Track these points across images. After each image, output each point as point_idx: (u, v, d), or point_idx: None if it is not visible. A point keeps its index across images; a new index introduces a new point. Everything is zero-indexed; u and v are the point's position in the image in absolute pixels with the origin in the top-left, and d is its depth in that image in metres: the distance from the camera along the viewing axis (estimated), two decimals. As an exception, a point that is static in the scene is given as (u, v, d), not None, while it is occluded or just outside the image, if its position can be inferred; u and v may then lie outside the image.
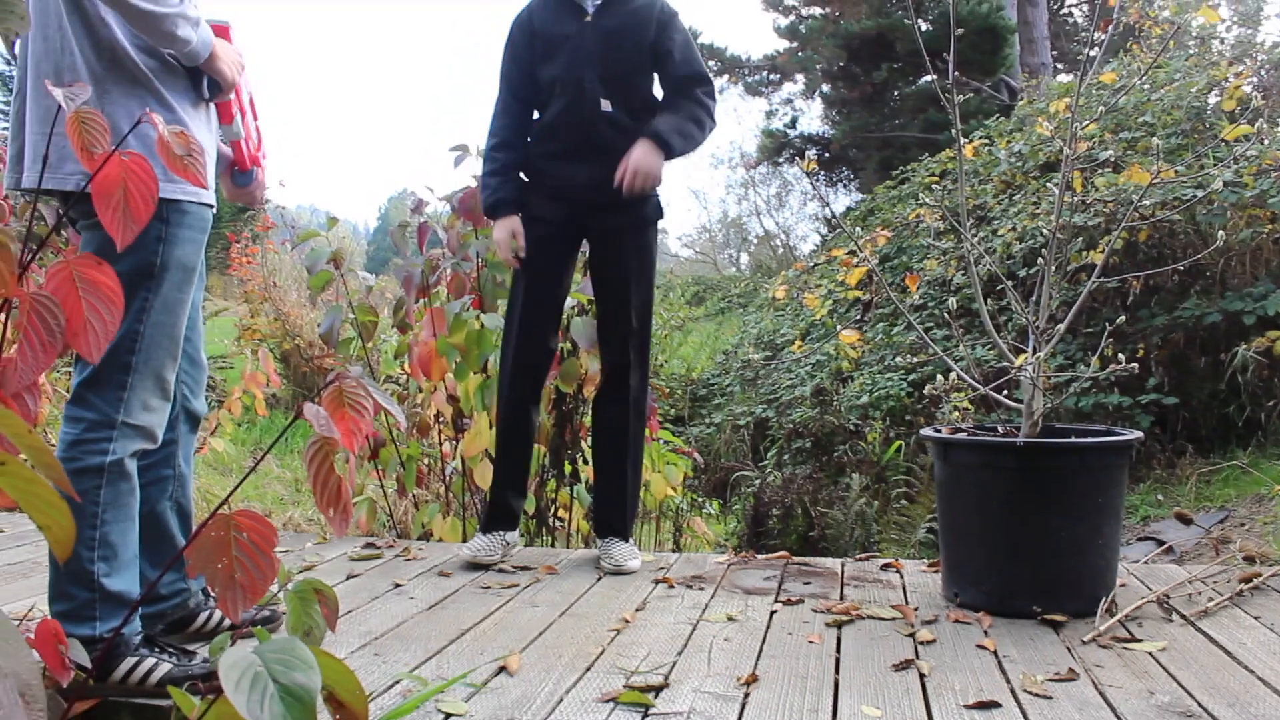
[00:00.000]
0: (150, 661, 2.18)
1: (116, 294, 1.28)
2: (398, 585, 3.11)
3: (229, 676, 0.94)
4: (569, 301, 3.81)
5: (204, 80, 2.33)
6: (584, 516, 4.29)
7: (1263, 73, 7.75)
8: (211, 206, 2.32)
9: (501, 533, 3.48)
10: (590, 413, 3.68)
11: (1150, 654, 2.36)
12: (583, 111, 3.36)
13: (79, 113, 1.28)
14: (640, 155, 3.30)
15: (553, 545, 4.29)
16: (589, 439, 3.80)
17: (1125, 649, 2.40)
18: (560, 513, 4.37)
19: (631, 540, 3.51)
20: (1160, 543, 4.57)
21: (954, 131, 2.99)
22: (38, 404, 1.31)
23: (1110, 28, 3.40)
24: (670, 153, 3.34)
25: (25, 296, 1.21)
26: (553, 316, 3.48)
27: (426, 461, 4.53)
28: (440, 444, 4.52)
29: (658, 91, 3.50)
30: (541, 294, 3.44)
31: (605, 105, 3.36)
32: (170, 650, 2.24)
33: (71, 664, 1.22)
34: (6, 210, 5.13)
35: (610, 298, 3.47)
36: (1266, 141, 6.06)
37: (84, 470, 2.12)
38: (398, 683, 2.21)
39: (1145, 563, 3.54)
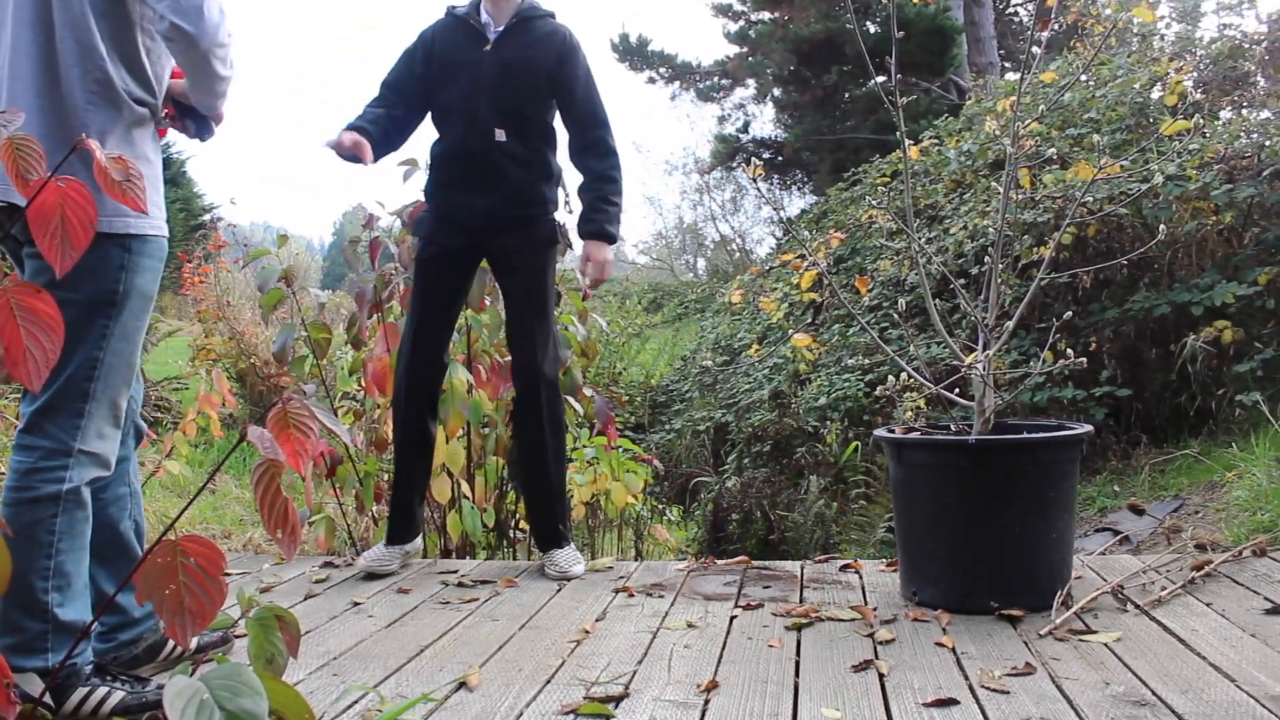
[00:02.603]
0: (103, 690, 2.15)
1: (56, 322, 1.27)
2: (356, 604, 3.09)
3: (174, 705, 0.93)
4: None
5: (192, 123, 2.44)
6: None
7: (1202, 67, 7.87)
8: (167, 236, 2.33)
9: (402, 545, 3.56)
10: (511, 427, 3.71)
11: (1105, 645, 2.39)
12: (478, 141, 3.41)
13: (12, 139, 1.27)
14: (595, 256, 3.44)
15: (514, 558, 4.28)
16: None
17: (1081, 641, 2.43)
18: (521, 524, 4.37)
19: (570, 545, 3.57)
20: (1116, 533, 4.62)
21: (899, 134, 3.02)
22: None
23: (1050, 27, 3.45)
24: (614, 238, 3.47)
25: (-39, 327, 1.20)
26: (444, 333, 3.56)
27: (385, 478, 4.50)
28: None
29: (556, 120, 3.58)
30: (433, 311, 3.51)
31: (500, 135, 3.40)
32: (123, 678, 2.22)
33: (18, 698, 1.20)
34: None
35: (514, 315, 3.54)
36: (1208, 135, 6.16)
37: (40, 499, 2.10)
38: (355, 703, 2.20)
39: (1101, 554, 3.59)
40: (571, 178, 3.61)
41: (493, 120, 3.40)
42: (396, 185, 3.60)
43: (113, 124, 2.19)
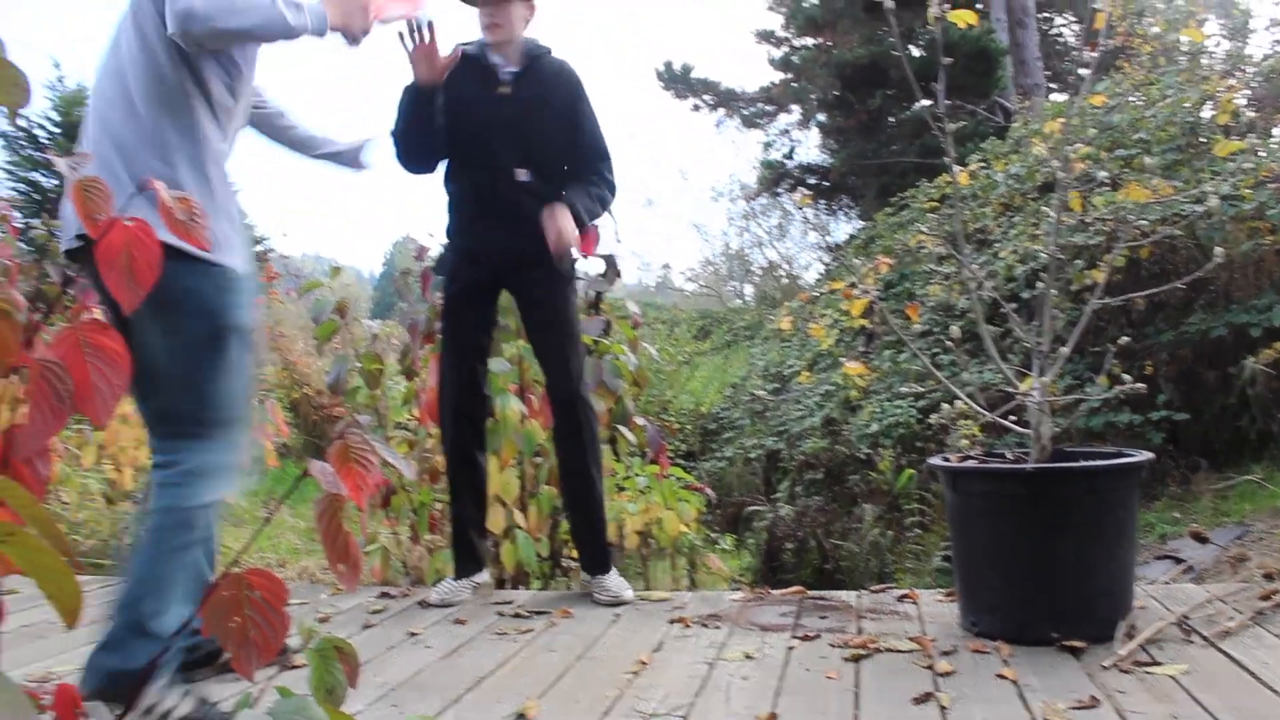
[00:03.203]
0: (173, 700, 2.19)
1: (123, 359, 1.29)
2: (413, 634, 3.10)
3: (245, 740, 0.93)
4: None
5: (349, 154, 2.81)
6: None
7: (1254, 85, 7.77)
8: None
9: (470, 577, 3.59)
10: (556, 455, 3.72)
11: (1172, 677, 2.34)
12: (499, 182, 3.42)
13: (82, 182, 1.30)
14: (563, 220, 3.35)
15: (568, 588, 4.27)
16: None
17: (1147, 673, 2.38)
18: (574, 554, 4.36)
19: (615, 570, 3.59)
20: (1178, 561, 4.54)
21: (947, 159, 3.00)
22: (48, 469, 1.31)
23: (1099, 48, 3.42)
24: (581, 227, 3.43)
25: (33, 363, 1.22)
26: (478, 365, 3.57)
27: (438, 507, 4.53)
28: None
29: None
30: (463, 345, 3.53)
31: (522, 175, 3.42)
32: (196, 696, 2.27)
33: (87, 728, 1.21)
34: (14, 270, 5.17)
35: (543, 342, 3.55)
36: (1263, 154, 6.07)
37: (176, 512, 2.24)
38: (416, 734, 2.20)
39: (1164, 583, 3.52)
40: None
41: (513, 161, 3.41)
42: (446, 216, 3.59)
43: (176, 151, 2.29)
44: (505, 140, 3.40)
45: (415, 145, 3.42)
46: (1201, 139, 6.92)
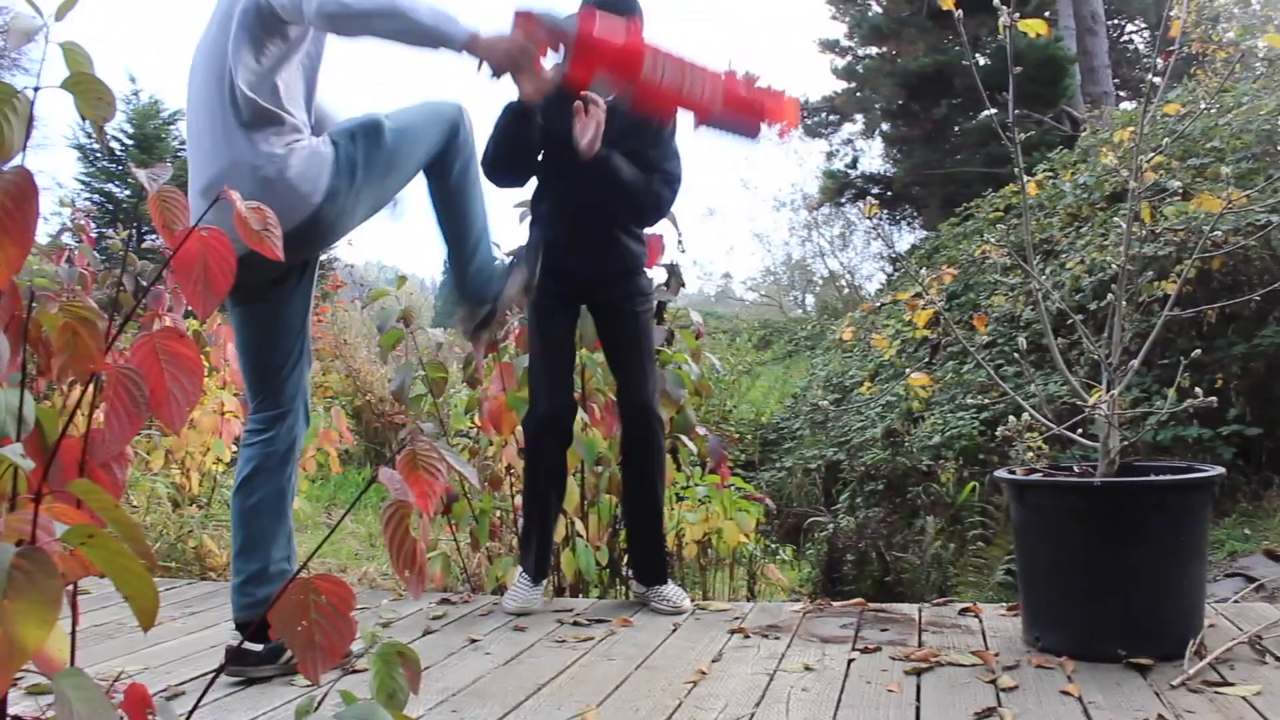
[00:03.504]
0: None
1: (197, 365, 1.33)
2: (473, 640, 3.13)
3: (314, 742, 0.95)
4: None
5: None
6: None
7: (1334, 93, 7.60)
8: None
9: (544, 581, 3.64)
10: (620, 464, 3.76)
11: (1244, 698, 2.29)
12: (589, 211, 3.48)
13: (160, 192, 1.33)
14: (596, 133, 3.34)
15: (627, 597, 4.28)
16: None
17: (1217, 693, 2.34)
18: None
19: (671, 581, 3.63)
20: (1250, 579, 4.45)
21: (1016, 170, 2.98)
22: (124, 473, 1.35)
23: (1173, 56, 3.37)
24: (616, 175, 3.40)
25: (112, 370, 1.26)
26: (570, 370, 3.66)
27: (499, 515, 4.56)
28: (512, 497, 4.54)
29: None
30: (557, 350, 3.59)
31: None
32: None
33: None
34: (90, 280, 5.30)
35: (621, 357, 3.62)
36: (1341, 163, 5.94)
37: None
38: (477, 740, 2.22)
39: (1234, 601, 3.45)
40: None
41: (609, 213, 3.51)
42: (510, 225, 3.63)
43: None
44: (599, 172, 3.41)
45: (508, 164, 3.48)
46: (1278, 147, 6.78)
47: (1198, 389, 2.82)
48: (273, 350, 2.79)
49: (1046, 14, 16.15)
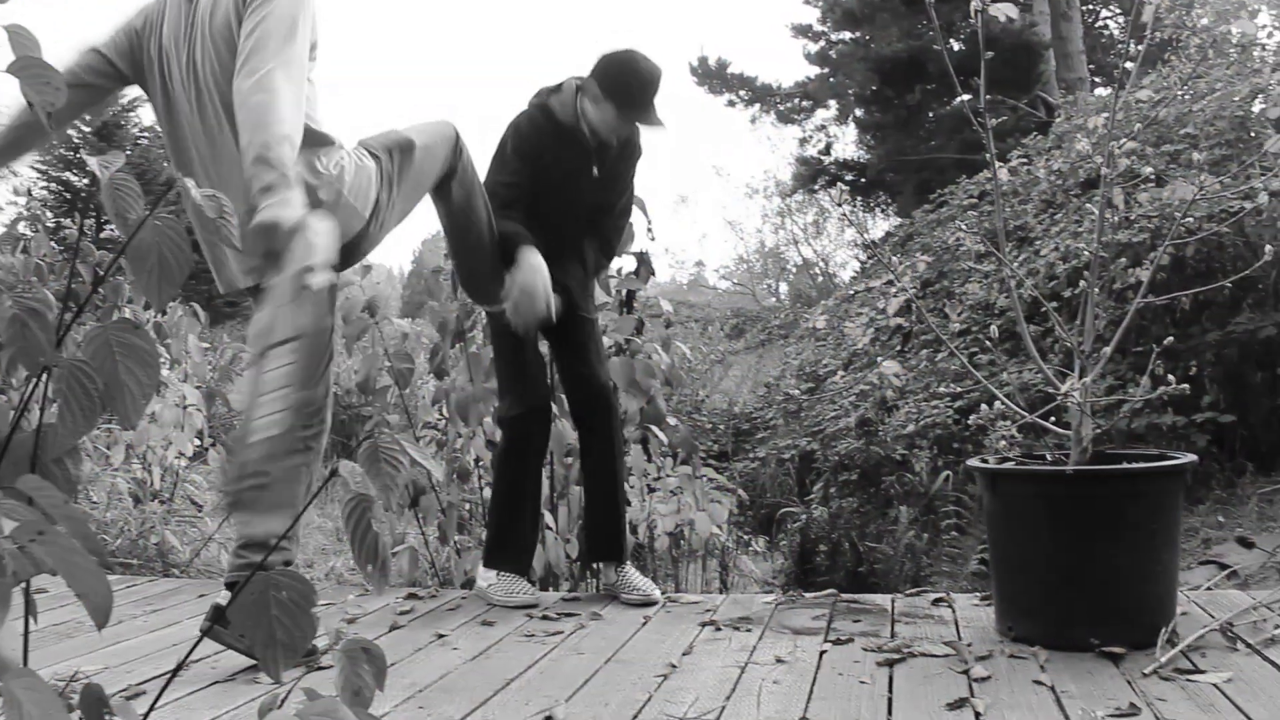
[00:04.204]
0: None
1: (153, 357, 1.31)
2: (441, 636, 3.12)
3: (272, 741, 0.95)
4: (607, 341, 3.92)
5: None
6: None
7: (1307, 78, 7.67)
8: None
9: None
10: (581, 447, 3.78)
11: (1215, 685, 2.32)
12: (567, 247, 3.58)
13: (113, 180, 1.32)
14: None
15: (598, 590, 4.29)
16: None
17: (1189, 681, 2.36)
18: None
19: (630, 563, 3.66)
20: (1222, 567, 4.50)
21: (988, 156, 2.99)
22: (79, 468, 1.34)
23: (1145, 41, 3.39)
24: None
25: (64, 362, 1.24)
26: (544, 362, 3.75)
27: (467, 508, 4.55)
28: (481, 490, 4.54)
29: None
30: (535, 343, 3.62)
31: (588, 242, 3.69)
32: None
33: None
34: (46, 270, 5.25)
35: (576, 338, 3.65)
36: (1315, 149, 6.00)
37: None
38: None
39: (1207, 589, 3.49)
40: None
41: (583, 229, 3.65)
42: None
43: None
44: (585, 213, 3.62)
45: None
46: (1251, 134, 6.85)
47: (1171, 376, 2.85)
48: None
49: (1020, -2, 16.23)
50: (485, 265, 3.26)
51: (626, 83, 3.37)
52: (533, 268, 3.23)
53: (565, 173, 3.50)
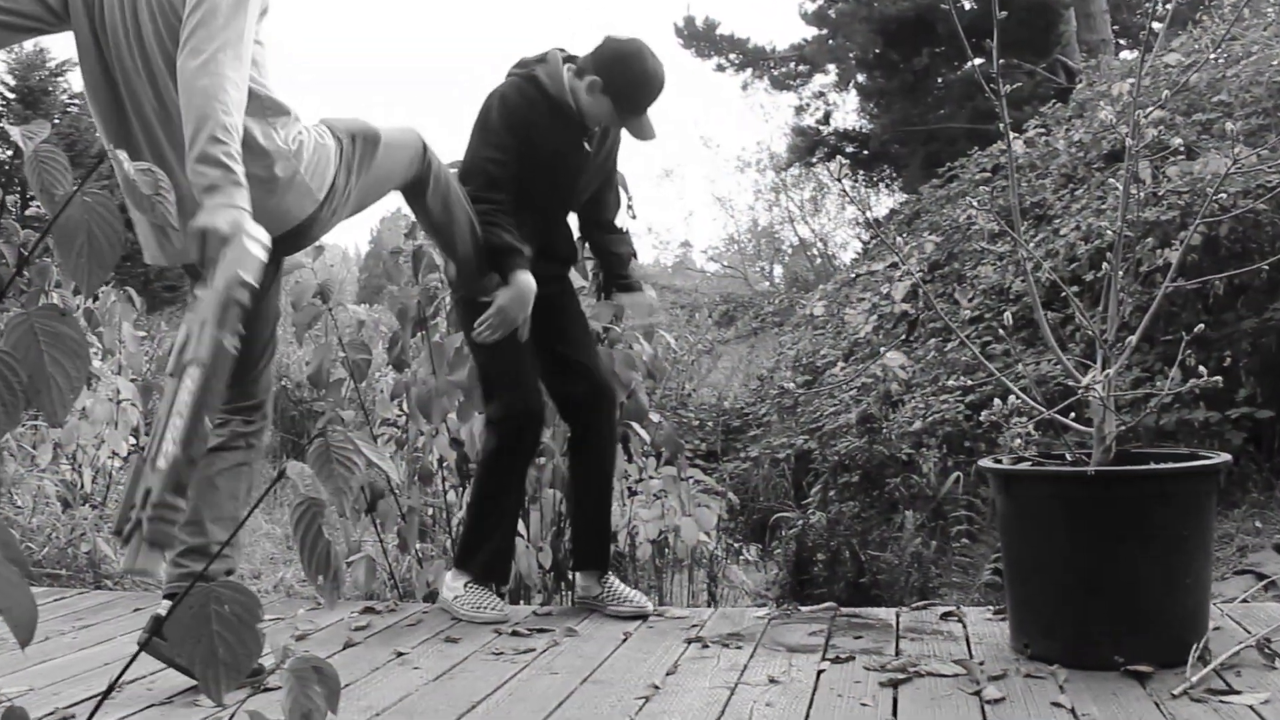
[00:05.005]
0: None
1: (82, 346, 1.31)
2: (400, 654, 3.12)
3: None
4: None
5: None
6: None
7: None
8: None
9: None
10: (571, 447, 3.85)
11: (1251, 707, 2.34)
12: (555, 233, 3.72)
13: (38, 152, 1.31)
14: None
15: (572, 604, 4.29)
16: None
17: (1222, 702, 2.38)
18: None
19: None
20: (1259, 577, 4.53)
21: (1002, 126, 3.00)
22: (2, 469, 1.33)
23: (1174, 0, 3.41)
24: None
25: (-19, 354, 1.23)
26: (535, 365, 3.73)
27: (430, 513, 4.55)
28: (445, 493, 4.53)
29: None
30: (526, 343, 3.61)
31: (572, 224, 3.83)
32: None
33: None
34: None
35: (575, 335, 3.76)
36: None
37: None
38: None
39: (1242, 601, 3.52)
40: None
41: (571, 210, 3.78)
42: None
43: None
44: (575, 198, 3.72)
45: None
46: (1290, 102, 6.88)
47: (1203, 368, 2.86)
48: (253, 342, 2.80)
49: (1038, -48, 16.27)
50: (471, 264, 3.41)
51: (634, 84, 3.45)
52: (521, 292, 3.38)
53: (554, 150, 3.53)
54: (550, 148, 3.51)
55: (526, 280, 3.37)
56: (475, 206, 3.39)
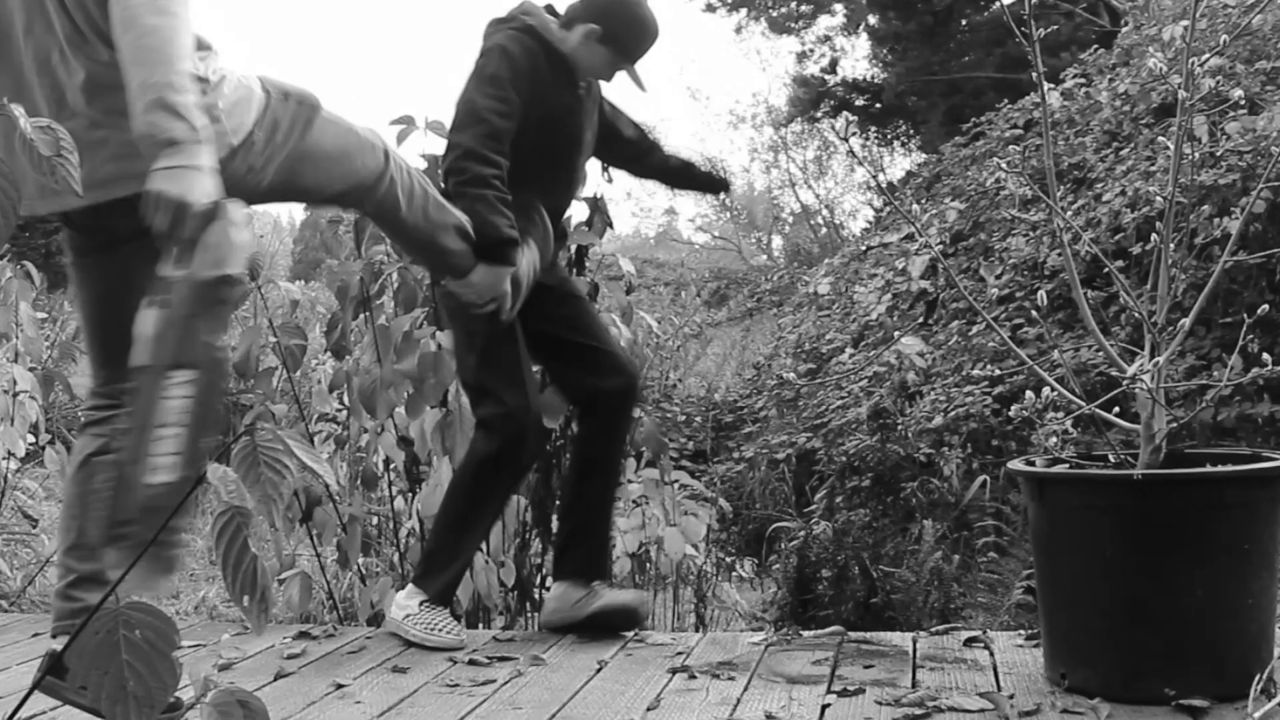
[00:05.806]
0: None
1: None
2: (340, 686, 3.11)
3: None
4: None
5: None
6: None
7: None
8: None
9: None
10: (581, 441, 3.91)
11: (1319, 745, 2.35)
12: (561, 197, 3.85)
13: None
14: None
15: (539, 628, 4.29)
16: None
17: (1287, 740, 2.39)
18: (548, 583, 4.37)
19: None
20: (1328, 595, 4.56)
21: (1036, 76, 3.00)
22: None
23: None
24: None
25: None
26: (530, 363, 3.82)
27: (375, 522, 4.54)
28: (391, 500, 4.52)
29: None
30: (520, 337, 3.68)
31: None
32: None
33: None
34: None
35: (591, 323, 3.87)
36: None
37: None
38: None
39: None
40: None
41: (569, 185, 3.87)
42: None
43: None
44: (581, 159, 3.82)
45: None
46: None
47: (1267, 355, 2.87)
48: (120, 313, 2.76)
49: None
50: (470, 263, 3.39)
51: (632, 31, 3.57)
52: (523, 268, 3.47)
53: (552, 106, 3.59)
54: (547, 105, 3.57)
55: (530, 254, 3.49)
56: (466, 175, 3.40)
